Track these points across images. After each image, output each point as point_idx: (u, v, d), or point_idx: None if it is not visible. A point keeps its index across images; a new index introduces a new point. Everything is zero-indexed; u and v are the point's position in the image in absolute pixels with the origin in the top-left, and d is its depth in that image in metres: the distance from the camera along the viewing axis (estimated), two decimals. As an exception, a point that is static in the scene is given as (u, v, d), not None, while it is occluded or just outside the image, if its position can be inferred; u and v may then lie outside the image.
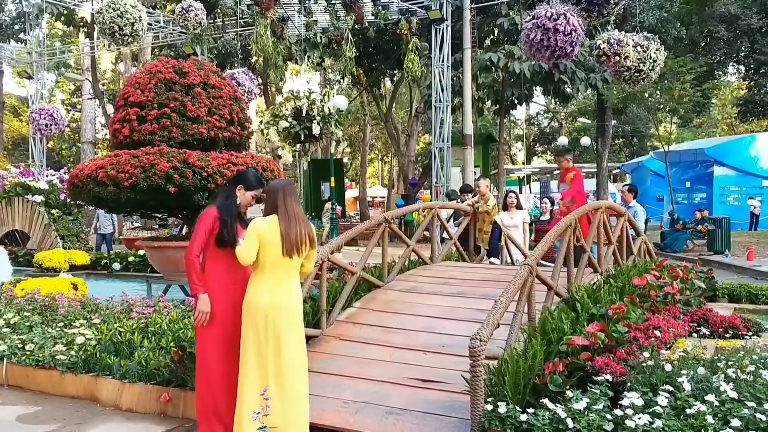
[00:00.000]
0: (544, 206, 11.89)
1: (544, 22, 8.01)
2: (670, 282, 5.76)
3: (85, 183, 8.29)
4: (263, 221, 3.72)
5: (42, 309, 6.48)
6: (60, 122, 17.83)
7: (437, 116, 15.01)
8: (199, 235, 3.89)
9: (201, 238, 3.88)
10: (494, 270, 7.43)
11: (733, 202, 23.04)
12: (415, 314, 5.56)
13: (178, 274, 8.51)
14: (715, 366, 3.55)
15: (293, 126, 14.61)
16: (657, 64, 8.81)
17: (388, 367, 4.64)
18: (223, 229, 3.91)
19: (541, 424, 3.11)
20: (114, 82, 35.74)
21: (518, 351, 3.78)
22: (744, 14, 24.20)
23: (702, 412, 2.99)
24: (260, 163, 8.67)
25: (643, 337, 4.04)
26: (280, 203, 3.73)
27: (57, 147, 38.49)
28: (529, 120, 44.94)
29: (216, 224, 3.91)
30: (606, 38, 8.62)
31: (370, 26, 16.94)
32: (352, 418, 4.04)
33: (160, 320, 5.71)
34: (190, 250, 3.86)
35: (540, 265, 4.87)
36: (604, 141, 23.47)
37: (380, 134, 38.49)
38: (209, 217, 3.92)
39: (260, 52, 14.85)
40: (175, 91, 8.59)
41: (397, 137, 26.41)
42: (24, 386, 5.41)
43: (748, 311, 6.73)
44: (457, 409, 3.88)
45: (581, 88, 19.19)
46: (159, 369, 4.83)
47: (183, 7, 12.75)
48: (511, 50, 16.83)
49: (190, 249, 3.87)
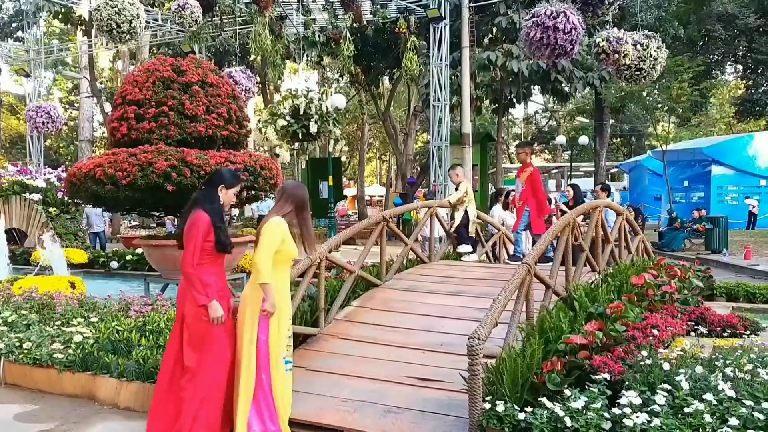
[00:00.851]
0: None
1: (543, 20, 7.99)
2: (668, 281, 5.77)
3: (83, 181, 8.28)
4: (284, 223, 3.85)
5: (39, 307, 6.46)
6: (57, 120, 17.79)
7: (435, 115, 15.00)
8: (197, 243, 3.79)
9: (198, 246, 3.79)
10: (492, 269, 7.44)
11: (730, 202, 23.05)
12: (413, 313, 5.57)
13: (176, 272, 8.48)
14: (713, 365, 3.55)
15: (291, 124, 14.60)
16: (658, 62, 8.80)
17: (386, 366, 4.64)
18: (220, 235, 3.85)
19: (540, 423, 3.12)
20: (112, 80, 35.69)
21: (516, 350, 3.78)
22: (742, 13, 24.24)
23: (700, 411, 2.99)
24: (258, 162, 8.66)
25: (641, 336, 4.05)
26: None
27: (55, 145, 38.44)
28: (527, 119, 44.96)
29: (210, 231, 3.83)
30: (605, 36, 8.61)
31: (368, 25, 16.92)
32: (351, 417, 4.04)
33: (158, 319, 5.70)
34: (189, 262, 3.78)
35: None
36: (602, 140, 23.50)
37: (378, 133, 38.47)
38: (204, 224, 3.82)
39: (258, 51, 14.81)
40: (173, 90, 8.58)
41: (395, 136, 26.40)
42: (22, 385, 5.40)
43: (745, 310, 6.75)
44: (456, 408, 3.88)
45: (579, 87, 19.21)
46: (157, 367, 4.81)
47: (179, 5, 12.71)
48: (510, 49, 16.83)
49: (189, 260, 3.78)
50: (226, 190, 4.05)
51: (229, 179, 4.11)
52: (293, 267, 4.46)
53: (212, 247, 3.86)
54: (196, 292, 3.78)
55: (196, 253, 3.79)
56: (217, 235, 3.86)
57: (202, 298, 3.78)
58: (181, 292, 3.92)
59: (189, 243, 3.82)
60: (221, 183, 4.06)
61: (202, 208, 3.92)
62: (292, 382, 3.93)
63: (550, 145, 43.00)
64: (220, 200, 4.03)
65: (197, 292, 3.78)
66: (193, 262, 3.78)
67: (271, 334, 3.76)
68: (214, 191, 4.04)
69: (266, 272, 3.68)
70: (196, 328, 3.80)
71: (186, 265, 3.79)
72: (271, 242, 3.74)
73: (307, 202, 4.00)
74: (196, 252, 3.79)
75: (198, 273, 3.80)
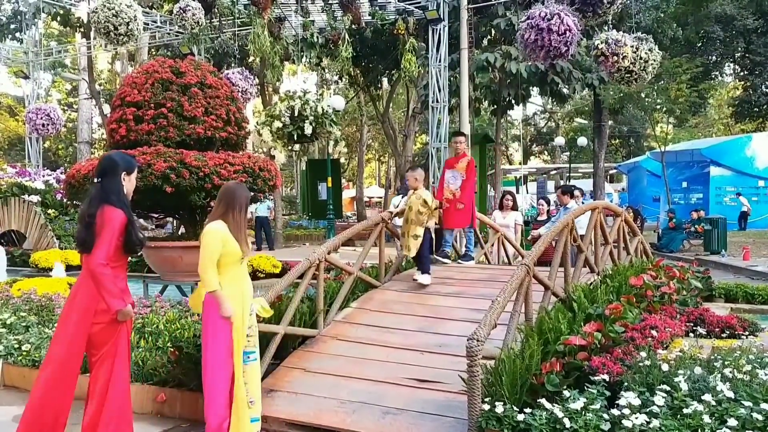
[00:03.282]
0: (541, 207, 11.94)
1: (538, 23, 8.01)
2: (667, 282, 5.78)
3: (82, 183, 8.27)
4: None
5: (38, 309, 6.47)
6: (56, 122, 17.78)
7: (434, 116, 15.00)
8: (112, 242, 3.50)
9: (113, 246, 3.51)
10: (492, 270, 7.44)
11: (729, 203, 23.07)
12: (412, 314, 5.56)
13: (175, 274, 8.50)
14: (712, 366, 3.56)
15: (287, 126, 14.59)
16: (648, 65, 8.81)
17: (385, 367, 4.64)
18: (133, 234, 3.60)
19: (539, 424, 3.12)
20: (111, 82, 35.68)
21: (515, 351, 3.78)
22: (740, 15, 24.28)
23: (699, 412, 2.99)
24: (257, 163, 8.66)
25: (639, 337, 4.05)
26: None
27: (53, 147, 38.40)
28: (525, 120, 44.96)
29: (124, 230, 3.55)
30: (604, 38, 8.63)
31: (367, 26, 16.94)
32: (349, 418, 4.04)
33: (157, 320, 5.70)
34: (100, 262, 3.47)
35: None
36: (600, 141, 23.50)
37: (377, 134, 38.48)
38: (119, 222, 3.53)
39: (257, 52, 14.81)
40: (171, 91, 8.58)
41: (394, 137, 26.41)
42: (20, 386, 5.39)
43: (744, 311, 6.75)
44: (454, 409, 3.88)
45: (578, 88, 19.22)
46: (156, 369, 4.82)
47: (180, 7, 12.72)
48: (508, 50, 16.84)
49: (100, 260, 3.47)
50: (128, 176, 3.73)
51: (128, 162, 3.78)
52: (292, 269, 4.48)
53: (120, 247, 3.57)
54: (109, 294, 3.48)
55: (110, 253, 3.48)
56: (129, 234, 3.58)
57: (118, 302, 3.52)
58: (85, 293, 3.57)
59: (101, 242, 3.47)
60: (123, 169, 3.70)
61: (110, 203, 3.56)
62: (259, 373, 4.01)
63: (549, 147, 43.03)
64: (125, 190, 3.68)
65: (111, 295, 3.49)
66: (105, 262, 3.47)
67: (236, 329, 3.80)
68: (117, 180, 3.66)
69: (212, 281, 3.74)
70: (106, 335, 3.58)
71: (95, 264, 3.46)
72: (209, 251, 3.75)
73: (239, 200, 3.88)
74: (111, 251, 3.48)
75: (109, 274, 3.50)
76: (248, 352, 3.90)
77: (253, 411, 3.88)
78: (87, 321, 3.53)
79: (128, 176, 3.73)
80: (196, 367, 4.46)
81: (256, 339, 3.98)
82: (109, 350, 3.61)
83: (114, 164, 3.71)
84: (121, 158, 3.78)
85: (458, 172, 7.30)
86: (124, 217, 3.55)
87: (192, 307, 4.57)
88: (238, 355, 3.82)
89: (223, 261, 3.81)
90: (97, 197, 3.58)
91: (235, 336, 3.81)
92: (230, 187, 3.98)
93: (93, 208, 3.56)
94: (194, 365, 4.54)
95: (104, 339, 3.58)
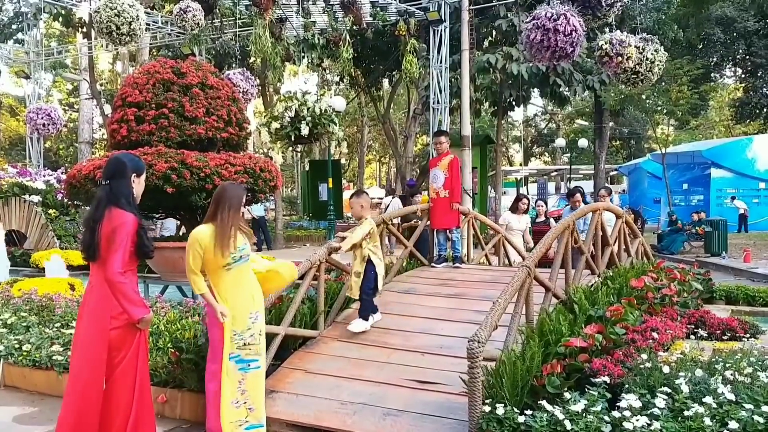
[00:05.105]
0: (540, 208, 12.02)
1: (544, 23, 7.97)
2: (668, 284, 5.77)
3: (83, 183, 8.27)
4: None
5: (39, 309, 6.46)
6: (57, 122, 17.78)
7: (435, 117, 15.00)
8: (126, 248, 3.39)
9: (128, 251, 3.40)
10: (492, 271, 7.44)
11: (729, 205, 23.07)
12: (412, 315, 5.56)
13: (175, 274, 8.49)
14: (713, 368, 3.55)
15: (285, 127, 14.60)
16: (655, 65, 8.78)
17: (385, 369, 4.64)
18: (144, 238, 3.46)
19: (539, 426, 3.11)
20: (112, 83, 35.69)
21: (516, 352, 3.78)
22: (740, 17, 24.30)
23: (700, 414, 2.99)
24: (258, 164, 8.66)
25: (640, 339, 4.05)
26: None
27: (54, 147, 38.42)
28: (526, 122, 44.99)
29: (136, 234, 3.42)
30: (608, 39, 8.60)
31: (368, 28, 16.93)
32: (350, 420, 4.04)
33: (158, 321, 5.69)
34: (116, 270, 3.34)
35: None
36: (601, 143, 23.52)
37: (378, 135, 38.50)
38: (132, 226, 3.40)
39: (258, 53, 14.81)
40: (173, 92, 8.58)
41: (394, 138, 26.41)
42: (21, 387, 5.39)
43: (745, 313, 6.73)
44: (455, 411, 3.88)
45: (579, 90, 19.22)
46: (156, 370, 4.81)
47: (181, 8, 12.72)
48: (509, 52, 16.84)
49: (116, 268, 3.34)
50: (137, 179, 3.57)
51: (137, 164, 3.64)
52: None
53: (132, 252, 3.44)
54: (130, 303, 3.37)
55: (125, 259, 3.36)
56: (140, 238, 3.44)
57: (140, 310, 3.42)
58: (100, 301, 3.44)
59: (116, 249, 3.33)
60: (133, 171, 3.55)
61: (119, 206, 3.41)
62: (262, 381, 3.99)
63: (550, 148, 43.04)
64: (134, 193, 3.53)
65: (133, 304, 3.37)
66: (123, 270, 3.35)
67: (226, 331, 3.80)
68: (127, 183, 3.49)
69: (196, 284, 3.79)
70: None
71: (113, 273, 3.32)
72: (189, 256, 3.77)
73: (229, 200, 3.80)
74: (126, 258, 3.36)
75: (129, 282, 3.39)
76: (249, 360, 3.87)
77: (252, 417, 3.85)
78: (104, 326, 3.40)
79: (138, 178, 3.58)
80: (197, 368, 4.47)
81: (259, 347, 3.93)
82: (130, 356, 3.48)
83: (123, 166, 3.55)
84: (130, 160, 3.63)
85: (440, 170, 7.40)
86: (135, 221, 3.42)
87: None
88: (227, 358, 3.80)
89: (210, 267, 3.81)
90: (105, 200, 3.45)
91: (226, 337, 3.80)
92: (222, 187, 3.94)
93: (100, 211, 3.42)
94: (194, 366, 4.54)
95: (121, 342, 3.45)
